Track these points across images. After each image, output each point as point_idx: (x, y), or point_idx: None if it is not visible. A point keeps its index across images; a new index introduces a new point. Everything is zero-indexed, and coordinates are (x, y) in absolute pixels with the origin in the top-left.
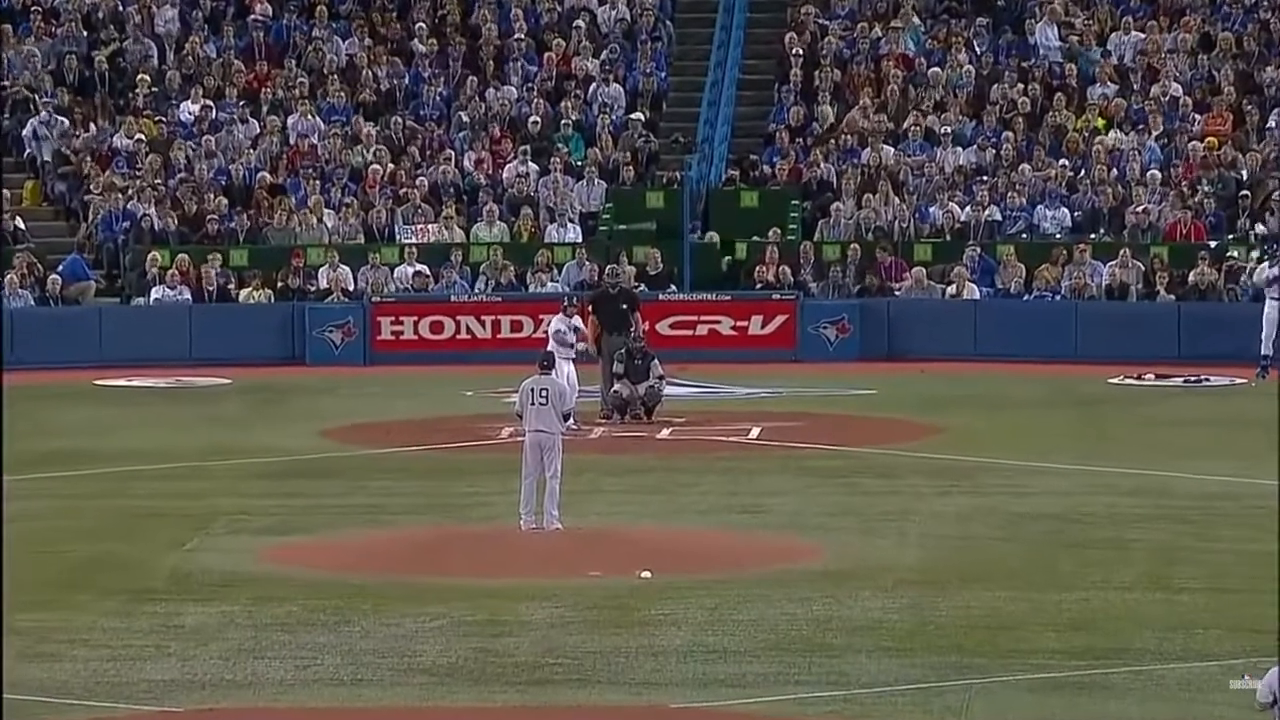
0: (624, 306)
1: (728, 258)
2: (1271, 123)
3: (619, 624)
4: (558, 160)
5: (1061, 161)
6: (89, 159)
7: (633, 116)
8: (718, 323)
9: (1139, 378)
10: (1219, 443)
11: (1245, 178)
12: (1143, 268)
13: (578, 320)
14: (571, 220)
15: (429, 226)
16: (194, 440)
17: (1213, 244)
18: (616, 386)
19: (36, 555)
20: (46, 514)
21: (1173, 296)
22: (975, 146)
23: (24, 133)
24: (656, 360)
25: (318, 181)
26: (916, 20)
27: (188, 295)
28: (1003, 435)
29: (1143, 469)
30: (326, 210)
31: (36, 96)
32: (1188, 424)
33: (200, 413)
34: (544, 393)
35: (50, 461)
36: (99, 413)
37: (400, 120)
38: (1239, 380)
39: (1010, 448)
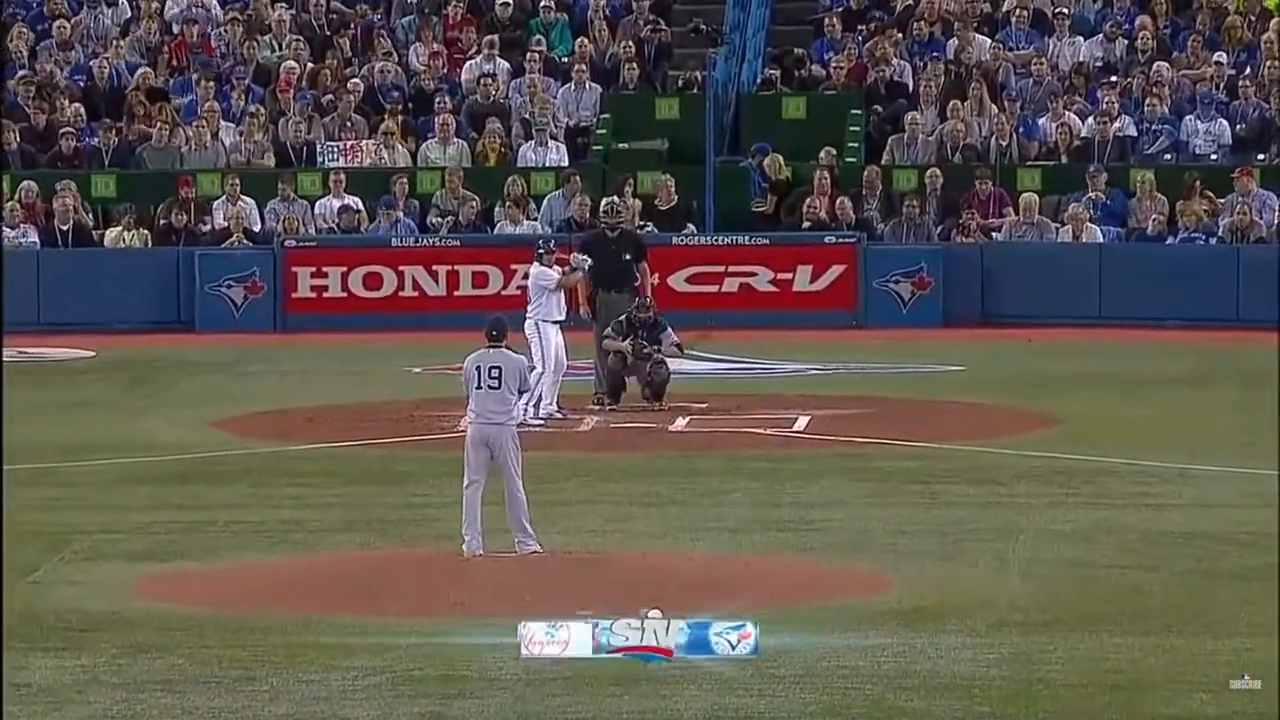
0: (626, 256)
1: (765, 187)
2: None
3: (618, 680)
4: (535, 56)
5: (1219, 56)
6: None
7: None
8: (752, 275)
9: None
10: None
11: None
12: None
13: (557, 271)
14: (555, 137)
15: (362, 145)
16: (44, 434)
17: None
18: (615, 361)
19: None
20: None
21: None
22: (1101, 36)
23: None
24: (670, 329)
25: (211, 84)
26: None
27: (35, 238)
28: (1137, 427)
29: None
30: (224, 123)
31: None
32: None
33: (53, 397)
34: (495, 372)
35: None
36: None
37: (323, 1)
38: None
39: (1147, 444)
